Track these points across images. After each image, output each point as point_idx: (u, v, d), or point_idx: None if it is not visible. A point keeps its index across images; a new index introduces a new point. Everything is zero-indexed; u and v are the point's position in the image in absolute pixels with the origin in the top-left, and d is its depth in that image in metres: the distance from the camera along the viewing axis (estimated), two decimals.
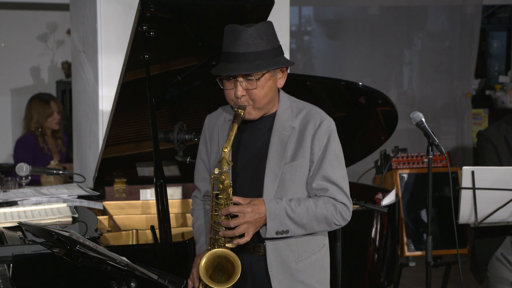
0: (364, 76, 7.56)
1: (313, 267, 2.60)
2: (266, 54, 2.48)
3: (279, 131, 2.57)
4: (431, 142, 3.38)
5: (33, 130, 5.59)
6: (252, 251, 2.58)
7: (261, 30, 2.48)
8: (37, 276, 2.72)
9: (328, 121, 2.58)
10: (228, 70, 2.48)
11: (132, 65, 3.37)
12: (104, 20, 4.29)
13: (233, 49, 2.47)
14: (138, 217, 3.76)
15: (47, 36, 8.15)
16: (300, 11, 8.05)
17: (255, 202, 2.49)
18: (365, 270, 3.67)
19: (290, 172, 2.55)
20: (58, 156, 5.59)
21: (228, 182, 2.49)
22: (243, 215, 2.47)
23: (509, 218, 3.51)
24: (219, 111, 2.73)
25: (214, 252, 2.51)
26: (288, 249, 2.56)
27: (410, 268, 4.44)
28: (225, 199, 2.49)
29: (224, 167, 2.47)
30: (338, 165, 2.57)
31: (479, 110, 8.22)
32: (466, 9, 7.66)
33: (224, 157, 2.46)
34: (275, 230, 2.50)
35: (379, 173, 4.50)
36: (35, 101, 5.69)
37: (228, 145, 2.46)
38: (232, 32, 2.48)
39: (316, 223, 2.53)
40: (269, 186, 2.54)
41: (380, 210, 3.57)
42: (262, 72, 2.48)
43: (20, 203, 3.37)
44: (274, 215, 2.49)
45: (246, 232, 2.48)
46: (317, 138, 2.54)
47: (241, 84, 2.49)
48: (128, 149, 3.92)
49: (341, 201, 2.55)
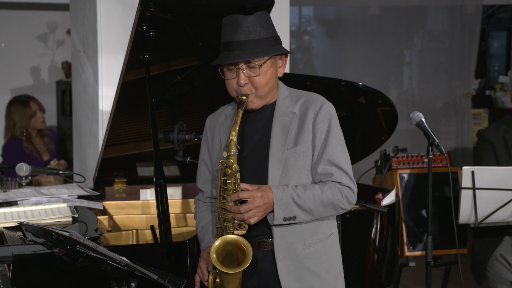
0: (364, 76, 7.56)
1: (320, 255, 2.60)
2: (267, 41, 2.51)
3: (280, 117, 2.59)
4: (431, 142, 3.38)
5: (17, 135, 5.41)
6: (258, 247, 2.58)
7: (261, 18, 2.52)
8: (37, 276, 2.72)
9: (328, 105, 2.61)
10: (231, 58, 2.49)
11: (132, 65, 3.38)
12: (104, 20, 4.29)
13: (234, 38, 2.49)
14: (138, 217, 3.76)
15: (47, 36, 8.15)
16: (300, 11, 8.05)
17: (263, 188, 2.50)
18: (365, 270, 3.67)
19: (293, 157, 2.56)
20: (48, 155, 5.48)
21: (236, 166, 2.49)
22: (253, 200, 2.47)
23: (509, 218, 3.51)
24: (219, 111, 2.75)
25: (225, 238, 2.50)
26: (293, 235, 2.56)
27: (410, 268, 4.43)
28: (233, 184, 2.50)
29: (232, 150, 2.48)
30: (341, 148, 2.59)
31: (479, 110, 8.22)
32: (466, 9, 7.66)
33: (232, 139, 2.47)
34: (283, 217, 2.51)
35: (379, 173, 4.50)
36: (14, 105, 5.49)
37: (235, 128, 2.47)
38: (232, 22, 2.51)
39: (323, 209, 2.54)
40: (273, 172, 2.55)
41: (380, 210, 3.57)
42: (264, 58, 2.51)
43: (20, 203, 3.37)
44: (281, 202, 2.50)
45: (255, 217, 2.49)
46: (318, 122, 2.57)
47: (244, 72, 2.51)
48: (128, 149, 3.92)
49: (347, 185, 2.56)
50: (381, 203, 3.80)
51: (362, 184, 4.28)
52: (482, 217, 3.48)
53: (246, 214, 2.47)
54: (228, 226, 2.52)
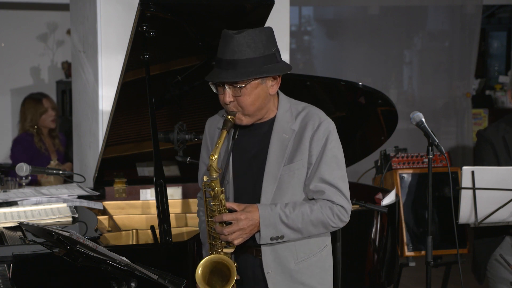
0: (364, 76, 7.56)
1: (314, 268, 2.59)
2: (254, 62, 2.45)
3: (279, 134, 2.56)
4: (431, 142, 3.38)
5: (28, 129, 5.57)
6: (256, 255, 2.58)
7: (250, 37, 2.45)
8: (37, 276, 2.72)
9: (327, 122, 2.56)
10: (214, 77, 2.49)
11: (132, 65, 3.37)
12: (104, 20, 4.29)
13: (222, 55, 2.47)
14: (138, 217, 3.76)
15: (47, 36, 8.15)
16: (300, 11, 8.05)
17: (249, 209, 2.49)
18: (365, 270, 3.67)
19: (288, 175, 2.54)
20: (55, 155, 5.56)
21: (218, 189, 2.48)
22: (237, 223, 2.47)
23: (509, 218, 3.51)
24: (219, 113, 2.73)
25: (210, 259, 2.53)
26: (286, 250, 2.55)
27: (410, 268, 4.43)
28: (218, 205, 2.50)
29: (213, 175, 2.47)
30: (336, 166, 2.55)
31: (479, 110, 8.22)
32: (466, 9, 7.66)
33: (212, 165, 2.46)
34: (270, 236, 2.51)
35: (379, 173, 4.50)
36: (28, 101, 5.71)
37: (216, 152, 2.45)
38: (224, 37, 2.48)
39: (313, 227, 2.53)
40: (267, 189, 2.54)
41: (380, 210, 3.57)
42: (249, 80, 2.46)
43: (20, 203, 3.37)
44: (268, 222, 2.49)
45: (239, 239, 2.49)
46: (315, 140, 2.53)
47: (229, 91, 2.49)
48: (128, 149, 3.92)
49: (338, 203, 2.53)
50: (381, 203, 3.80)
51: (362, 184, 4.29)
52: (482, 217, 3.48)
53: (230, 236, 2.48)
54: (216, 244, 2.53)
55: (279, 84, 2.56)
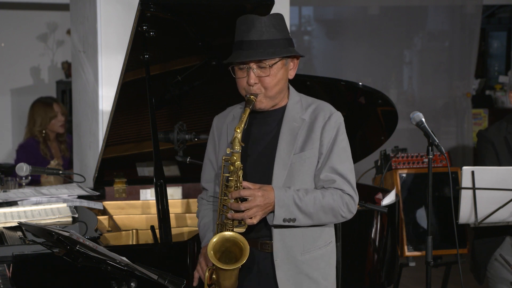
0: (364, 76, 7.56)
1: (319, 262, 2.61)
2: (280, 42, 2.52)
3: (289, 122, 2.60)
4: (431, 142, 3.38)
5: (36, 135, 5.45)
6: (260, 249, 2.59)
7: (274, 20, 2.53)
8: (37, 276, 2.72)
9: (337, 115, 2.62)
10: (242, 57, 2.50)
11: (132, 65, 3.37)
12: (104, 20, 4.29)
13: (247, 37, 2.50)
14: (138, 217, 3.76)
15: (47, 36, 8.15)
16: (300, 11, 8.05)
17: (265, 187, 2.50)
18: (365, 270, 3.67)
19: (299, 163, 2.56)
20: (61, 161, 5.49)
21: (239, 164, 2.49)
22: (254, 199, 2.47)
23: (509, 218, 3.51)
24: (227, 110, 2.76)
25: (223, 235, 2.51)
26: (293, 240, 2.57)
27: (410, 268, 4.44)
28: (235, 181, 2.50)
29: (236, 147, 2.48)
30: (345, 158, 2.60)
31: (479, 110, 8.22)
32: (466, 9, 7.66)
33: (236, 137, 2.47)
34: (283, 218, 2.51)
35: (379, 173, 4.50)
36: (37, 105, 5.56)
37: (241, 126, 2.47)
38: (246, 21, 2.52)
39: (323, 214, 2.54)
40: (278, 175, 2.55)
41: (380, 210, 3.57)
42: (275, 59, 2.51)
43: (20, 203, 3.37)
44: (282, 202, 2.50)
45: (254, 216, 2.49)
46: (327, 130, 2.57)
47: (254, 72, 2.52)
48: (128, 149, 3.92)
49: (348, 193, 2.56)
50: (381, 203, 3.80)
51: (362, 184, 4.28)
52: (482, 217, 3.48)
53: (246, 213, 2.47)
54: (227, 223, 2.52)
55: (296, 68, 2.63)
